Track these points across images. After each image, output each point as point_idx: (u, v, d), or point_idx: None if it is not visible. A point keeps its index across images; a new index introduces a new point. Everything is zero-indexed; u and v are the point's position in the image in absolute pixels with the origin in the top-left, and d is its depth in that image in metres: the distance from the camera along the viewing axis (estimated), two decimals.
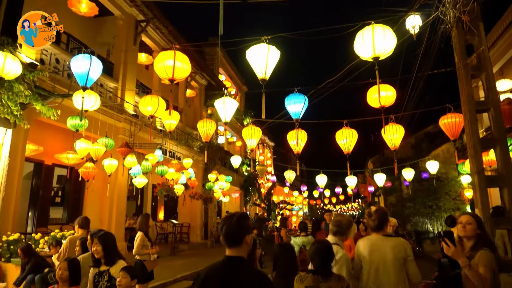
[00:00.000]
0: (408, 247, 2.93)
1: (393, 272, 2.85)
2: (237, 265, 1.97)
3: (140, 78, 13.07)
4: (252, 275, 1.98)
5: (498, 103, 4.39)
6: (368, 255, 2.97)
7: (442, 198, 15.10)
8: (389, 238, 3.02)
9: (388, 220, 3.12)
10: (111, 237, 3.66)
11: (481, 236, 2.75)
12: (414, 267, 2.88)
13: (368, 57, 3.39)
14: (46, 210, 10.42)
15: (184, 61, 3.96)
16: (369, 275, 2.95)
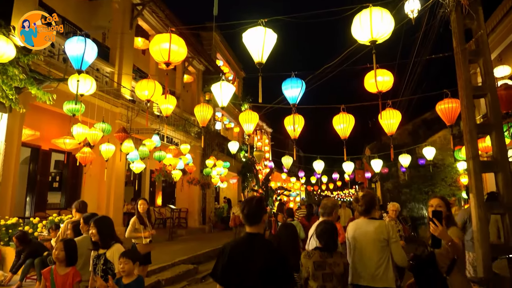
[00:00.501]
0: (392, 229, 3.02)
1: (375, 252, 2.97)
2: (256, 240, 2.36)
3: (137, 63, 12.95)
4: (268, 248, 2.36)
5: (495, 89, 4.38)
6: (353, 237, 3.15)
7: (438, 184, 15.22)
8: (373, 220, 3.11)
9: (375, 204, 3.19)
10: (107, 221, 3.68)
11: (449, 216, 3.04)
12: (397, 249, 2.98)
13: (366, 41, 3.36)
14: (44, 195, 10.46)
15: (180, 44, 3.91)
16: (355, 255, 3.10)
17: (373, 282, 2.94)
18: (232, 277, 2.30)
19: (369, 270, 2.97)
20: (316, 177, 22.66)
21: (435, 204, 3.05)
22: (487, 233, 4.28)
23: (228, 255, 2.33)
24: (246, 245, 2.34)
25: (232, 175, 20.48)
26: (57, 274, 3.39)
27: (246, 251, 2.31)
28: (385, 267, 2.93)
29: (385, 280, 2.92)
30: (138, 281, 3.25)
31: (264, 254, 2.30)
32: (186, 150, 12.19)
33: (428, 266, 2.94)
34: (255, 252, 2.29)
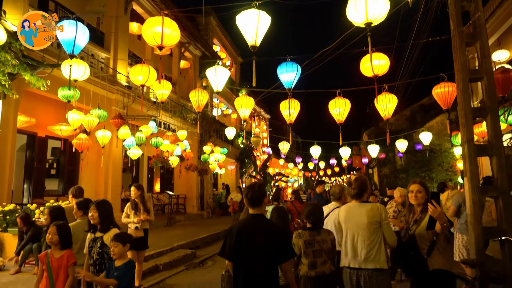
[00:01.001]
0: (384, 211, 3.05)
1: (368, 235, 3.00)
2: (259, 220, 2.73)
3: (132, 49, 12.79)
4: (269, 226, 2.79)
5: (492, 72, 4.34)
6: (345, 221, 3.18)
7: (435, 169, 15.30)
8: (365, 204, 3.14)
9: (367, 188, 3.21)
10: (107, 205, 3.72)
11: (427, 199, 3.11)
12: (389, 230, 3.04)
13: (361, 23, 3.31)
14: (42, 182, 10.48)
15: (173, 28, 3.84)
16: (347, 239, 3.12)
17: (365, 264, 2.97)
18: (239, 253, 2.60)
19: (362, 252, 2.99)
20: (313, 163, 22.72)
21: (415, 189, 3.16)
22: (480, 216, 4.31)
23: (235, 234, 2.63)
24: (251, 225, 2.70)
25: (230, 161, 20.52)
26: (52, 258, 3.43)
27: (251, 229, 2.65)
28: (377, 249, 2.96)
29: (377, 261, 2.95)
30: (128, 264, 3.29)
31: (267, 231, 2.64)
32: (183, 136, 12.16)
33: (410, 250, 3.03)
34: (259, 230, 2.63)
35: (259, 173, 22.18)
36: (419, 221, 3.09)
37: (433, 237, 2.98)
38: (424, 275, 2.96)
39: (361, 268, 2.99)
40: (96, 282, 3.32)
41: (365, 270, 2.96)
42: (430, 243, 2.99)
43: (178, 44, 15.21)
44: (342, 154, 13.62)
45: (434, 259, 2.96)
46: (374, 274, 2.93)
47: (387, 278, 2.99)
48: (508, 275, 4.06)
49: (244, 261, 2.59)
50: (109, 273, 3.29)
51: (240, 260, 2.61)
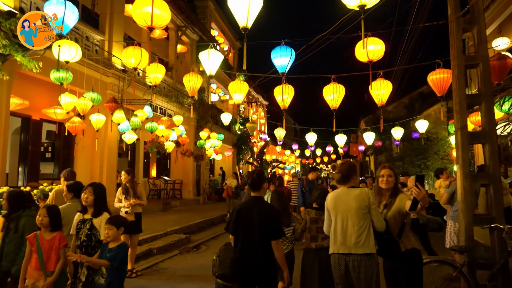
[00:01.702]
0: (372, 196, 3.07)
1: (357, 220, 3.01)
2: (258, 201, 3.24)
3: (128, 31, 12.58)
4: (266, 206, 3.30)
5: (487, 58, 4.29)
6: (334, 207, 3.16)
7: (431, 157, 15.33)
8: (353, 189, 3.13)
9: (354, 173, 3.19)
10: (103, 188, 3.71)
11: (396, 184, 3.31)
12: (377, 215, 3.05)
13: (354, 5, 3.23)
14: (37, 165, 10.44)
15: (163, 8, 3.75)
16: (337, 225, 3.11)
17: (355, 249, 2.98)
18: (239, 228, 3.18)
19: (351, 238, 3.00)
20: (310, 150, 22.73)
21: (386, 174, 3.27)
22: (471, 203, 4.33)
23: (236, 212, 3.25)
24: (249, 204, 3.24)
25: (227, 147, 20.50)
26: (42, 239, 3.43)
27: (249, 208, 3.20)
28: (366, 234, 2.98)
29: (366, 247, 2.97)
30: (121, 246, 3.30)
31: (261, 211, 3.14)
32: (179, 121, 12.09)
33: (383, 233, 3.10)
34: (256, 209, 3.14)
35: (256, 159, 22.21)
36: (390, 205, 3.19)
37: (403, 220, 3.13)
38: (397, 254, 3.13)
39: (350, 254, 3.00)
40: (90, 263, 3.33)
41: (354, 255, 2.98)
42: (400, 226, 3.13)
43: (175, 28, 14.99)
44: (337, 141, 13.57)
45: (404, 239, 3.13)
46: (363, 259, 2.95)
47: (375, 263, 3.02)
48: (496, 262, 4.10)
49: (242, 233, 3.15)
50: (102, 254, 3.31)
51: (238, 232, 3.18)
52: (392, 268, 3.24)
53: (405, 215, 3.11)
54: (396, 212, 3.14)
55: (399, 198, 3.17)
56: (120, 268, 3.36)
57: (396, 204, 3.15)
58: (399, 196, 3.19)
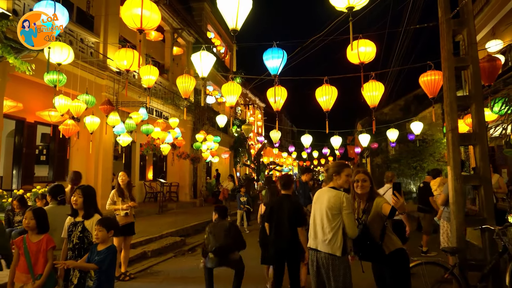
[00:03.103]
0: (346, 200, 3.03)
1: (326, 219, 3.05)
2: (287, 197, 4.32)
3: (123, 33, 12.58)
4: (294, 202, 4.34)
5: (477, 60, 4.31)
6: (314, 203, 3.27)
7: (426, 159, 15.34)
8: (332, 190, 3.15)
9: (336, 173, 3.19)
10: (93, 191, 3.71)
11: (371, 188, 3.23)
12: (349, 221, 3.01)
13: (343, 7, 3.24)
14: (31, 168, 10.39)
15: (152, 10, 3.74)
16: (313, 221, 3.22)
17: (321, 247, 3.08)
18: (272, 218, 4.22)
19: (320, 235, 3.09)
20: (307, 152, 22.73)
21: (361, 179, 3.22)
22: (462, 205, 4.33)
23: (270, 207, 4.33)
24: (281, 200, 4.31)
25: (224, 149, 20.49)
26: (30, 242, 3.41)
27: (280, 203, 4.25)
28: (333, 234, 3.00)
29: (330, 247, 3.01)
30: (110, 248, 3.28)
31: (289, 205, 4.17)
32: (175, 124, 12.07)
33: (365, 239, 3.11)
34: (285, 204, 4.19)
35: (253, 162, 22.18)
36: (368, 210, 3.17)
37: (383, 223, 3.10)
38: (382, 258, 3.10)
39: (318, 250, 3.10)
40: (78, 268, 3.31)
41: (321, 253, 3.07)
42: (381, 229, 3.10)
43: (171, 30, 15.00)
44: (333, 143, 13.59)
45: (387, 241, 3.12)
46: (329, 257, 3.02)
47: (342, 265, 3.01)
48: (487, 263, 4.10)
49: (275, 222, 4.19)
50: (91, 256, 3.28)
51: (272, 221, 4.23)
52: (380, 271, 3.26)
53: (385, 218, 3.08)
54: (375, 216, 3.12)
55: (376, 202, 3.15)
56: (109, 271, 3.34)
57: (373, 209, 3.14)
58: (376, 200, 3.17)
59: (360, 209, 3.27)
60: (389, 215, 2.93)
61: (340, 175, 3.14)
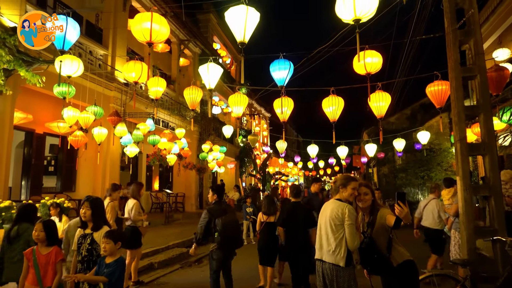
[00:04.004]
0: (348, 211, 3.03)
1: (330, 230, 3.07)
2: (298, 204, 5.14)
3: (131, 45, 12.77)
4: (305, 208, 5.12)
5: (485, 70, 4.30)
6: (320, 215, 3.30)
7: (434, 168, 15.20)
8: (336, 201, 3.16)
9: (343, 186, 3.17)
10: (101, 203, 3.74)
11: (373, 201, 3.23)
12: (350, 234, 2.99)
13: (349, 20, 3.27)
14: (39, 179, 10.48)
15: (162, 23, 3.82)
16: (319, 231, 3.24)
17: (326, 257, 3.10)
18: (288, 222, 4.98)
19: (325, 245, 3.10)
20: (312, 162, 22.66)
21: (362, 192, 3.21)
22: (472, 215, 4.28)
23: (286, 212, 5.07)
24: (294, 207, 5.08)
25: (229, 160, 20.50)
26: (39, 254, 3.43)
27: (293, 209, 5.02)
28: (337, 244, 3.02)
29: (334, 257, 3.02)
30: (118, 260, 3.28)
31: (301, 211, 5.02)
32: (181, 134, 12.14)
33: (372, 253, 3.07)
34: (298, 210, 5.02)
35: (259, 172, 22.15)
36: (372, 223, 3.15)
37: (389, 235, 3.08)
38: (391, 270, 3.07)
39: (323, 260, 3.11)
40: (87, 281, 3.32)
41: (326, 263, 3.08)
42: (388, 241, 3.08)
43: (178, 41, 15.19)
44: (339, 153, 13.55)
45: (394, 253, 3.09)
46: (334, 268, 3.03)
47: (347, 276, 3.01)
48: (500, 275, 4.03)
49: (290, 225, 4.95)
50: (99, 269, 3.29)
51: (288, 226, 4.98)
52: (389, 285, 3.22)
53: (390, 229, 3.05)
54: (380, 229, 3.10)
55: (380, 214, 3.12)
56: (118, 283, 3.34)
57: (378, 221, 3.11)
58: (379, 212, 3.14)
59: (365, 222, 3.26)
60: (394, 226, 2.91)
61: (346, 187, 3.14)
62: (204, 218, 4.60)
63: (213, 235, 4.56)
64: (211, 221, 4.57)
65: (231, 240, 4.61)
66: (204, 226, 4.58)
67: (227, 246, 4.63)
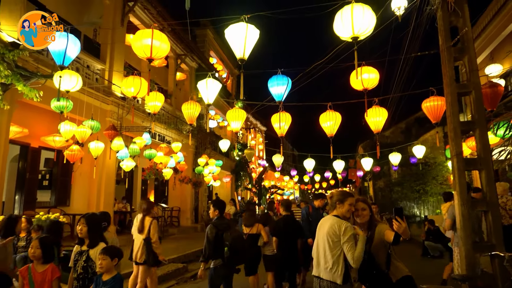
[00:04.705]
0: (345, 228, 2.97)
1: (327, 247, 3.02)
2: (288, 217, 5.75)
3: (128, 60, 12.85)
4: (292, 220, 5.79)
5: (479, 86, 4.39)
6: (317, 231, 3.25)
7: (429, 182, 15.27)
8: (333, 217, 3.12)
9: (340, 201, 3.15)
10: (98, 219, 3.70)
11: (371, 216, 3.21)
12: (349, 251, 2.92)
13: (347, 37, 3.34)
14: (33, 193, 10.36)
15: (162, 40, 3.87)
16: (315, 248, 3.20)
17: (323, 274, 3.05)
18: (281, 233, 5.49)
19: (322, 262, 3.06)
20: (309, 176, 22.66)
21: (360, 207, 3.19)
22: (471, 230, 4.29)
23: (276, 223, 5.73)
24: (284, 220, 5.66)
25: (225, 173, 20.44)
26: (35, 272, 3.37)
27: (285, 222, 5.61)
28: (333, 262, 2.97)
29: (331, 275, 2.98)
30: (116, 277, 3.23)
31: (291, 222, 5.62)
32: (178, 148, 12.12)
33: (371, 269, 3.05)
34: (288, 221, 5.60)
35: (255, 185, 22.07)
36: (370, 239, 3.11)
37: (387, 250, 3.06)
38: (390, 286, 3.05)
39: (320, 278, 3.07)
40: None
41: (324, 281, 3.04)
42: (386, 257, 3.06)
43: (175, 56, 15.32)
44: (335, 167, 13.59)
45: (393, 269, 3.08)
46: (331, 285, 2.98)
47: None
48: None
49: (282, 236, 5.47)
50: (96, 287, 3.24)
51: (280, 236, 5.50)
52: None
53: (389, 245, 3.04)
54: (378, 244, 3.08)
55: (378, 230, 3.11)
56: None
57: (376, 237, 3.10)
58: (378, 228, 3.13)
59: None
60: (393, 242, 2.89)
61: (343, 203, 3.12)
62: (211, 233, 4.46)
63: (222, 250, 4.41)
64: (218, 235, 4.43)
65: (239, 255, 4.54)
66: (213, 241, 4.42)
67: (235, 262, 4.56)
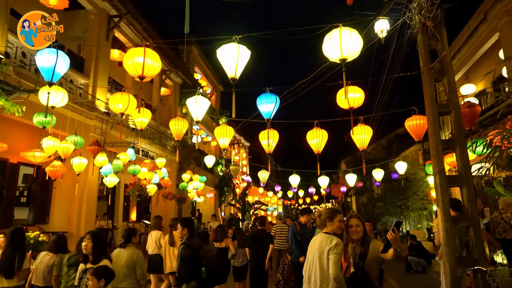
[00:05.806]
0: (334, 243, 3.04)
1: (318, 266, 3.07)
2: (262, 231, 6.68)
3: (113, 75, 12.78)
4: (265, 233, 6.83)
5: (459, 106, 4.60)
6: (308, 248, 3.29)
7: (410, 198, 15.61)
8: (324, 234, 3.18)
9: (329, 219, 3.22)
10: (101, 235, 3.80)
11: (365, 232, 3.24)
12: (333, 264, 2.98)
13: (336, 59, 3.48)
14: (10, 210, 9.99)
15: (154, 59, 3.91)
16: (306, 265, 3.23)
17: None
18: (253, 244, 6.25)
19: (313, 279, 3.09)
20: (292, 192, 22.74)
21: (354, 224, 3.22)
22: (454, 245, 4.42)
23: (252, 237, 6.51)
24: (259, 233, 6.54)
25: (209, 189, 20.27)
26: None
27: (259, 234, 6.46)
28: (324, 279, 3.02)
29: None
30: None
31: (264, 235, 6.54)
32: (162, 164, 12.01)
33: (363, 285, 3.07)
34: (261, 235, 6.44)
35: (238, 201, 21.96)
36: (364, 255, 3.14)
37: (380, 267, 3.11)
38: None
39: None
40: None
41: None
42: (379, 273, 3.10)
43: (160, 71, 15.31)
44: (320, 183, 13.75)
45: (386, 286, 3.12)
46: None
47: None
48: None
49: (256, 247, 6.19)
50: None
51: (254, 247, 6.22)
52: None
53: (382, 261, 3.10)
54: (372, 261, 3.11)
55: (372, 246, 3.15)
56: None
57: (370, 253, 3.13)
58: (372, 244, 3.17)
59: (356, 254, 3.25)
60: (382, 250, 2.98)
61: (333, 220, 3.18)
62: (186, 253, 3.90)
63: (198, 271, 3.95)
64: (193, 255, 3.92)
65: (217, 275, 4.48)
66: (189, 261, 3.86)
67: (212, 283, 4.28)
